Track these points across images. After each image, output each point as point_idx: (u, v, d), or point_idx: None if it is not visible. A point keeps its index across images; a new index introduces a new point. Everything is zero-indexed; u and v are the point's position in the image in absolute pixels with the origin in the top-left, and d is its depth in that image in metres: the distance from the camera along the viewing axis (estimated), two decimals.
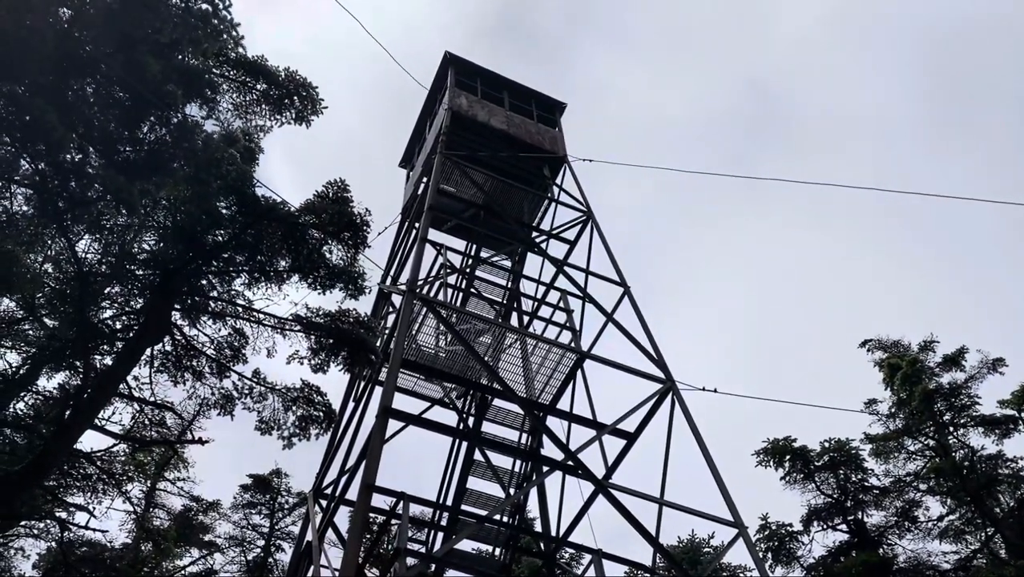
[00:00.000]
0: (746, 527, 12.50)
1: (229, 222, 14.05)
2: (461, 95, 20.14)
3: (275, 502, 29.67)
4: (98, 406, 13.66)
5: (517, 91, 21.45)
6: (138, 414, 16.52)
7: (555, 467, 13.07)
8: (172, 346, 15.05)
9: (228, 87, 15.44)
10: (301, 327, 14.56)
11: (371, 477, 10.14)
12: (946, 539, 24.14)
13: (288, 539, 29.06)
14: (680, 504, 12.58)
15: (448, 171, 18.29)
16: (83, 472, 17.17)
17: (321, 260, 14.66)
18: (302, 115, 15.80)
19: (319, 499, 15.06)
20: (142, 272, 14.63)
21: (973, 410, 24.13)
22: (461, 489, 15.56)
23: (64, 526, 18.11)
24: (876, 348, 26.77)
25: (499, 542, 15.55)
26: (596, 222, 18.09)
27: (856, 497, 24.83)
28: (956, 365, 24.66)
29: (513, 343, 15.28)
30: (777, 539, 24.56)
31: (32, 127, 10.54)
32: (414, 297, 13.33)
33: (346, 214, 14.49)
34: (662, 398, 14.05)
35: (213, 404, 15.50)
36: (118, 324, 14.83)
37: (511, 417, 16.60)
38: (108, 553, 23.73)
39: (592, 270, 16.86)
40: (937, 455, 24.36)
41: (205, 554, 28.12)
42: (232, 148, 13.94)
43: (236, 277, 14.85)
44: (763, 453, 25.04)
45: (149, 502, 25.42)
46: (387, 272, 18.90)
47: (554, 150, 20.26)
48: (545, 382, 15.26)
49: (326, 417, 15.29)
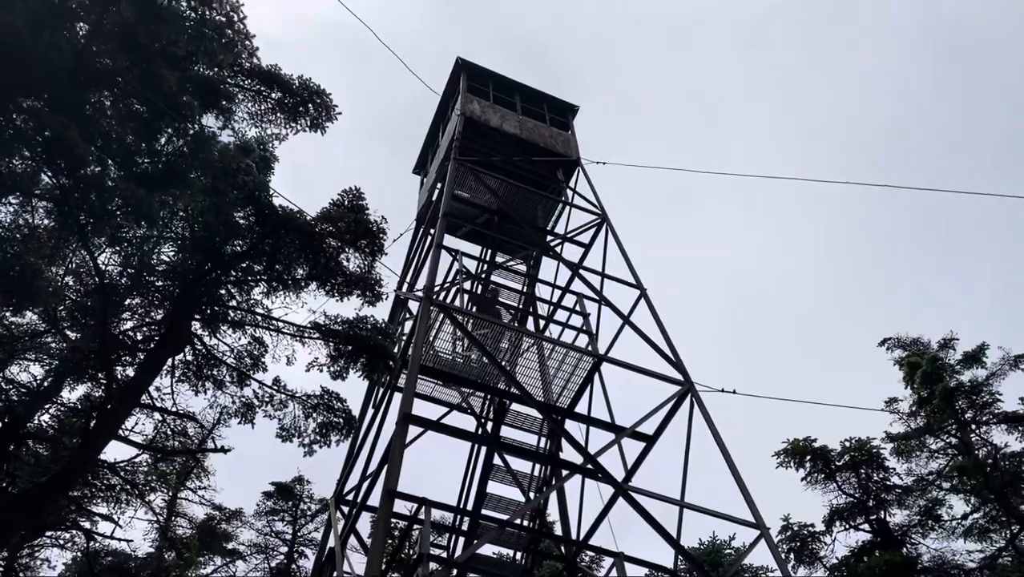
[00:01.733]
0: (768, 528, 12.43)
1: (247, 232, 14.17)
2: (473, 100, 20.20)
3: (297, 509, 29.83)
4: (121, 417, 13.80)
5: (529, 95, 21.49)
6: (160, 424, 16.67)
7: (575, 471, 13.06)
8: (193, 356, 15.18)
9: (243, 96, 15.56)
10: (320, 335, 14.65)
11: (393, 483, 10.18)
12: (970, 538, 23.90)
13: (311, 546, 29.22)
14: (701, 506, 12.53)
15: (462, 176, 18.34)
16: (107, 482, 17.35)
17: (338, 268, 14.74)
18: (317, 122, 15.89)
19: (341, 505, 15.13)
20: (162, 283, 14.79)
21: (995, 407, 23.88)
22: (481, 494, 15.57)
23: (89, 536, 18.29)
24: (896, 346, 26.55)
25: (520, 546, 15.56)
26: (611, 224, 18.08)
27: (878, 497, 24.64)
28: (977, 362, 24.42)
29: (530, 347, 15.29)
30: (799, 540, 24.42)
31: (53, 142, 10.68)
32: (431, 303, 13.38)
33: (362, 222, 14.56)
34: (681, 400, 14.01)
35: (234, 412, 15.62)
36: (139, 335, 14.98)
37: (529, 421, 16.61)
38: (133, 562, 23.93)
39: (608, 273, 16.86)
40: (960, 453, 24.13)
41: (228, 561, 28.30)
42: (248, 158, 14.06)
43: (255, 286, 14.96)
44: (784, 454, 24.92)
45: (171, 511, 25.62)
46: (403, 278, 18.98)
47: (567, 153, 20.27)
48: (563, 386, 15.26)
49: (346, 424, 15.36)
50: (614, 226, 18.05)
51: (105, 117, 11.96)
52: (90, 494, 17.62)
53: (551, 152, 19.99)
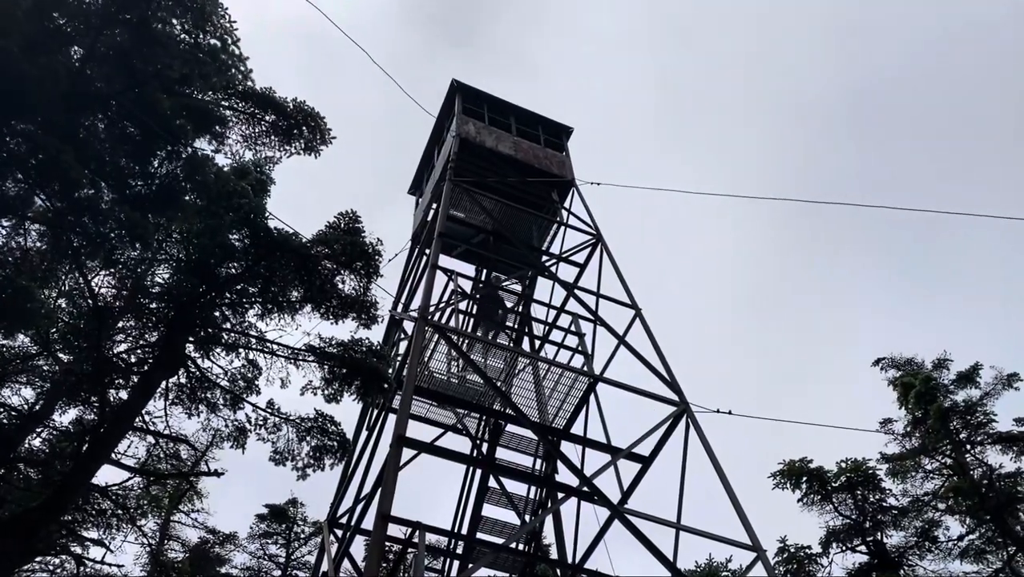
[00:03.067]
0: (764, 550, 12.36)
1: (242, 254, 14.14)
2: (469, 122, 20.30)
3: (291, 532, 29.59)
4: (114, 440, 13.69)
5: (524, 116, 21.61)
6: (153, 447, 16.55)
7: (570, 493, 13.00)
8: (186, 378, 15.11)
9: (237, 119, 15.58)
10: (314, 357, 14.60)
11: (386, 507, 10.11)
12: (967, 559, 23.79)
13: (304, 569, 28.93)
14: (697, 528, 12.46)
15: (457, 197, 18.40)
16: (98, 507, 17.17)
17: (333, 290, 14.72)
18: (311, 145, 15.90)
19: (334, 528, 15.01)
20: (156, 305, 14.73)
21: (990, 427, 23.90)
22: (476, 517, 15.47)
23: (80, 561, 18.08)
24: (889, 366, 26.60)
25: (515, 570, 15.44)
26: (605, 245, 18.13)
27: (875, 518, 24.56)
28: (971, 382, 24.45)
29: (525, 368, 15.26)
30: (796, 562, 24.29)
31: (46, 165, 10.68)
32: (426, 324, 13.35)
33: (358, 244, 14.56)
34: (676, 421, 13.97)
35: (227, 436, 15.51)
36: (133, 357, 14.91)
37: (525, 443, 16.54)
38: None
39: (603, 293, 16.87)
40: (955, 474, 24.09)
41: None
42: (244, 180, 14.08)
43: (249, 308, 14.92)
44: (779, 475, 24.84)
45: (164, 535, 25.36)
46: (398, 299, 18.96)
47: (562, 174, 20.36)
48: (558, 407, 15.21)
49: (340, 447, 15.27)
50: (609, 246, 18.11)
51: (99, 140, 11.98)
52: (81, 519, 17.43)
53: (546, 173, 20.07)
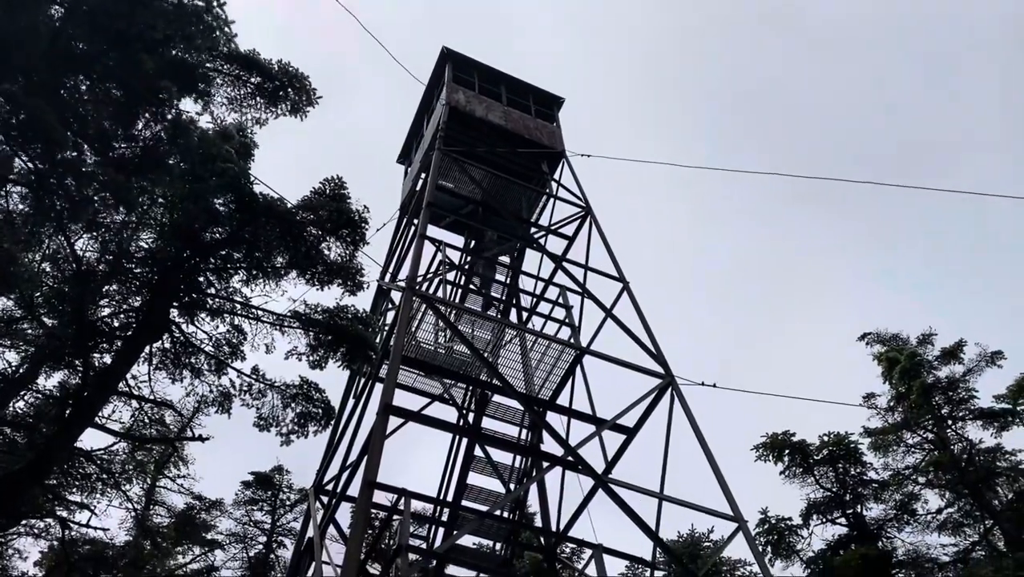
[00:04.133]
0: (746, 521, 12.51)
1: (226, 219, 14.02)
2: (459, 90, 20.09)
3: (277, 499, 29.71)
4: (98, 404, 13.66)
5: (514, 86, 21.40)
6: (137, 412, 16.51)
7: (555, 463, 13.07)
8: (171, 343, 15.04)
9: (222, 81, 15.34)
10: (299, 324, 14.55)
11: (372, 474, 10.15)
12: (945, 532, 24.17)
13: (290, 535, 29.10)
14: (680, 499, 12.57)
15: (446, 167, 18.26)
16: (83, 471, 17.15)
17: (319, 257, 14.64)
18: (297, 107, 15.70)
19: (320, 495, 15.07)
20: (140, 270, 14.61)
21: (971, 403, 24.14)
22: (462, 485, 15.56)
23: (65, 525, 18.10)
24: (875, 341, 26.78)
25: (500, 537, 15.58)
26: (595, 217, 18.07)
27: (855, 491, 24.86)
28: (954, 358, 24.66)
29: (512, 339, 15.27)
30: (777, 533, 24.58)
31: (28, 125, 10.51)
32: (413, 294, 13.32)
33: (344, 211, 14.46)
34: (661, 393, 14.04)
35: (212, 401, 15.49)
36: (117, 322, 14.80)
37: (511, 413, 16.61)
38: (110, 551, 23.74)
39: (591, 266, 16.85)
40: (936, 448, 24.38)
41: (206, 551, 28.13)
42: (228, 144, 13.92)
43: (234, 274, 14.83)
44: (762, 447, 25.05)
45: (149, 500, 25.41)
46: (386, 268, 18.89)
47: (552, 145, 20.22)
48: (545, 378, 15.27)
49: (325, 414, 15.28)
50: (598, 219, 18.06)
51: (81, 101, 11.79)
52: (66, 483, 17.43)
53: (536, 144, 19.93)
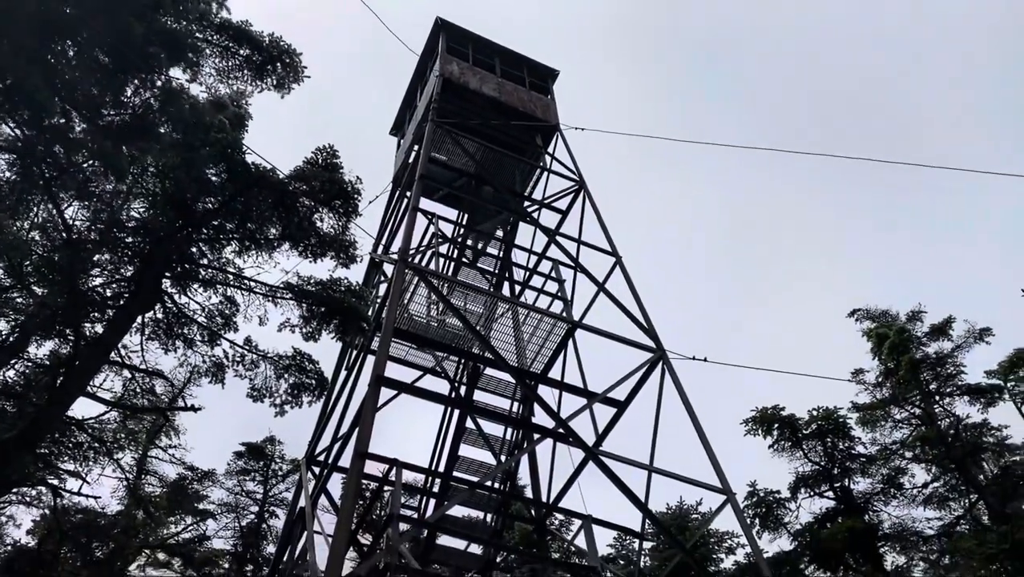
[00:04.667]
0: (734, 493, 12.64)
1: (219, 189, 13.91)
2: (452, 61, 19.91)
3: (269, 469, 29.85)
4: (89, 373, 13.63)
5: (509, 57, 21.23)
6: (129, 382, 16.50)
7: (546, 435, 13.15)
8: (163, 314, 14.99)
9: (211, 51, 15.17)
10: (292, 295, 14.52)
11: (364, 445, 10.21)
12: (930, 506, 24.52)
13: (282, 506, 29.28)
14: (669, 471, 12.69)
15: (439, 139, 18.15)
16: (74, 440, 17.18)
17: (312, 228, 14.57)
18: (283, 82, 15.51)
19: (312, 466, 15.15)
20: (132, 239, 14.51)
21: (959, 379, 24.37)
22: (453, 456, 15.66)
23: (57, 493, 18.16)
24: (864, 318, 26.93)
25: (490, 508, 15.71)
26: (588, 191, 18.03)
27: (843, 465, 25.15)
28: (943, 335, 24.86)
29: (505, 313, 15.29)
30: (765, 506, 24.89)
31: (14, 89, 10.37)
32: (406, 266, 13.30)
33: (337, 182, 14.37)
34: (652, 367, 14.12)
35: (204, 372, 15.48)
36: (108, 292, 14.74)
37: (503, 386, 16.68)
38: (102, 520, 23.86)
39: (584, 240, 16.84)
40: (923, 423, 24.64)
41: (198, 520, 28.30)
42: (221, 114, 13.78)
43: (226, 245, 14.75)
44: (752, 422, 25.29)
45: (141, 469, 25.49)
46: (378, 241, 18.83)
47: (546, 118, 20.11)
48: (537, 351, 15.31)
49: (318, 385, 15.31)
50: (591, 193, 18.01)
51: (69, 67, 11.62)
52: (58, 451, 17.45)
53: (530, 116, 19.82)
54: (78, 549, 22.88)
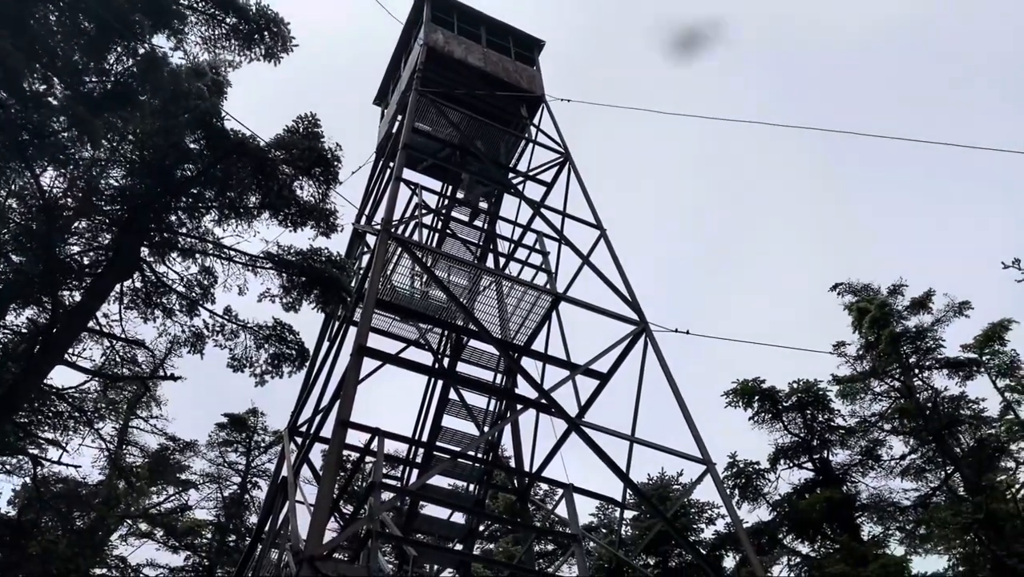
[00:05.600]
0: (714, 464, 12.77)
1: (198, 157, 13.72)
2: (437, 30, 19.67)
3: (251, 440, 29.86)
4: (67, 342, 13.51)
5: (494, 27, 20.98)
6: (109, 351, 16.36)
7: (529, 405, 13.20)
8: (142, 283, 14.84)
9: (196, 19, 14.92)
10: (272, 265, 14.41)
11: (346, 414, 10.19)
12: (907, 477, 24.93)
13: (264, 476, 29.33)
14: (650, 441, 12.80)
15: (423, 109, 17.96)
16: (54, 409, 17.06)
17: (292, 197, 14.43)
18: (272, 52, 15.31)
19: (294, 437, 15.14)
20: (110, 207, 14.31)
21: (938, 353, 24.66)
22: (436, 427, 15.69)
23: (37, 462, 18.07)
24: (846, 292, 27.14)
25: (473, 478, 15.78)
26: (573, 164, 17.94)
27: (822, 437, 25.46)
28: (923, 308, 25.10)
29: (489, 285, 15.25)
30: (744, 476, 25.18)
31: None
32: (389, 237, 13.21)
33: (316, 149, 14.21)
34: (635, 339, 14.16)
35: (184, 341, 15.39)
36: (86, 260, 14.56)
37: (486, 358, 16.68)
38: (83, 489, 23.80)
39: (569, 212, 16.78)
40: (902, 396, 24.95)
41: (180, 491, 28.31)
42: (200, 81, 13.56)
43: (205, 213, 14.58)
44: (732, 394, 25.49)
45: (122, 440, 25.42)
46: (362, 211, 18.68)
47: (532, 89, 19.94)
48: (520, 323, 15.30)
49: (299, 355, 15.26)
50: (577, 165, 17.93)
51: (50, 33, 11.37)
52: (37, 420, 17.34)
53: (515, 87, 19.65)
54: (59, 518, 22.83)
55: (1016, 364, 23.36)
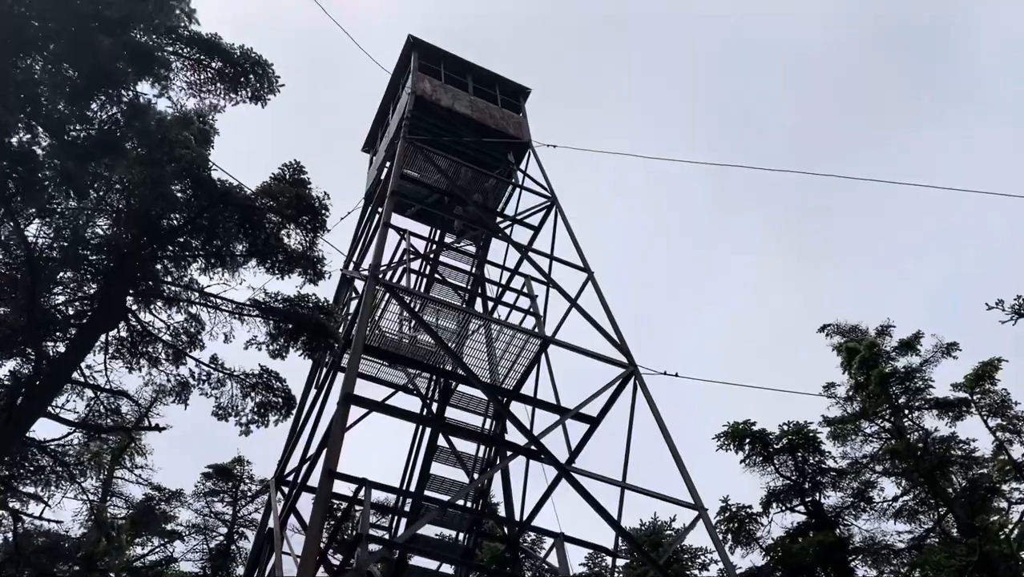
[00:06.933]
0: (706, 509, 12.65)
1: (184, 206, 13.72)
2: (425, 79, 19.95)
3: (237, 490, 29.38)
4: (51, 393, 13.34)
5: (481, 75, 21.32)
6: (93, 401, 16.12)
7: (518, 452, 13.07)
8: (127, 332, 14.71)
9: (182, 65, 15.07)
10: (259, 312, 14.32)
11: (333, 464, 10.06)
12: (900, 519, 24.70)
13: (251, 526, 28.80)
14: (642, 487, 12.68)
15: (411, 156, 18.12)
16: (36, 462, 16.74)
17: (279, 244, 14.42)
18: (258, 94, 15.48)
19: (281, 486, 14.91)
20: (95, 256, 14.24)
21: (927, 393, 24.64)
22: (424, 474, 15.51)
23: (17, 517, 17.67)
24: (835, 332, 27.20)
25: (462, 527, 15.56)
26: (560, 208, 18.09)
27: (814, 479, 25.26)
28: (911, 349, 25.14)
29: (477, 329, 15.22)
30: (737, 521, 24.90)
31: None
32: (377, 282, 13.21)
33: (304, 197, 14.26)
34: (624, 382, 14.12)
35: (169, 391, 15.20)
36: (71, 310, 14.43)
37: (475, 402, 16.58)
38: (65, 543, 23.27)
39: (556, 256, 16.86)
40: (892, 437, 24.86)
41: (166, 542, 27.75)
42: (187, 130, 13.63)
43: (192, 262, 14.53)
44: (723, 436, 25.33)
45: (106, 491, 24.97)
46: (350, 257, 18.71)
47: (518, 135, 20.19)
48: (509, 367, 15.24)
49: (285, 403, 15.10)
50: (563, 209, 18.06)
51: (34, 83, 11.43)
52: (18, 474, 16.98)
53: (502, 134, 19.88)
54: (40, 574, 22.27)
55: (1007, 403, 23.41)
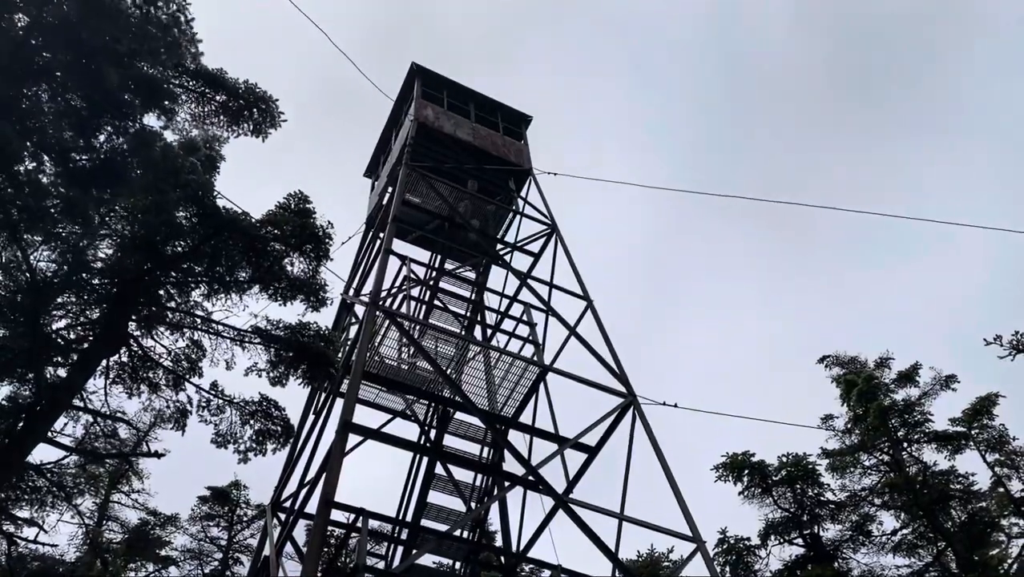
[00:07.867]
0: (704, 542, 12.59)
1: (188, 233, 13.85)
2: (427, 106, 20.16)
3: (233, 515, 29.19)
4: (51, 418, 13.35)
5: (483, 103, 21.53)
6: (90, 426, 16.13)
7: (516, 482, 13.05)
8: (128, 357, 14.76)
9: (187, 97, 15.34)
10: (260, 339, 14.39)
11: (330, 493, 10.05)
12: (899, 553, 24.54)
13: (246, 552, 28.59)
14: (640, 519, 12.62)
15: (413, 182, 18.27)
16: (32, 485, 16.69)
17: (282, 272, 14.54)
18: (259, 128, 15.74)
19: (277, 512, 14.86)
20: (98, 282, 14.33)
21: (926, 426, 24.61)
22: (422, 503, 15.46)
23: (12, 541, 17.59)
24: (834, 364, 27.23)
25: (459, 557, 15.48)
26: (560, 235, 18.20)
27: (812, 512, 25.14)
28: (910, 381, 25.16)
29: (476, 356, 15.26)
30: (735, 553, 24.75)
31: None
32: (376, 309, 13.26)
33: (308, 227, 14.40)
34: (623, 412, 14.12)
35: (168, 417, 15.23)
36: (73, 334, 14.49)
37: (473, 430, 16.57)
38: (60, 567, 23.10)
39: (556, 283, 16.93)
40: (891, 470, 24.79)
41: (160, 568, 27.53)
42: (193, 157, 13.79)
43: (195, 288, 14.63)
44: (722, 468, 25.27)
45: (103, 515, 24.83)
46: (350, 283, 18.79)
47: (519, 162, 20.35)
48: (507, 395, 15.26)
49: (284, 432, 15.11)
50: (564, 237, 18.18)
51: (42, 112, 11.60)
52: (14, 497, 16.93)
53: (503, 161, 20.05)
54: None
55: (1005, 439, 23.38)
